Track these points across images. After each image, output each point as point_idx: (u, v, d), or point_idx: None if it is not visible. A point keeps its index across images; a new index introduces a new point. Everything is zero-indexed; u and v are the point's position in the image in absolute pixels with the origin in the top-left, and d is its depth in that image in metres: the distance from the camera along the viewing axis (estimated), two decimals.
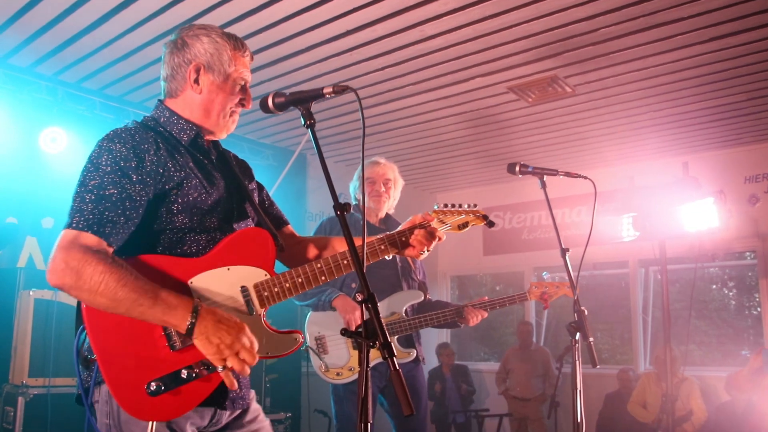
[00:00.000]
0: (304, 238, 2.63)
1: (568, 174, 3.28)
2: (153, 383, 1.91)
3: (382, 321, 3.71)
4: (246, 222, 2.28)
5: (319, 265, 2.22)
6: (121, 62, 5.95)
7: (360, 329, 1.72)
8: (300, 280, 2.19)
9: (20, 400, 4.72)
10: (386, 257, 2.43)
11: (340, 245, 2.53)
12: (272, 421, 5.92)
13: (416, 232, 2.44)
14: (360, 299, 1.73)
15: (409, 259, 4.27)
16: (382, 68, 5.94)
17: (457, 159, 8.71)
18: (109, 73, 6.18)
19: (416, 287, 4.27)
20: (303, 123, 2.07)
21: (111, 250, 1.92)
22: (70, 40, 5.54)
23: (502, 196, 9.78)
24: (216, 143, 2.38)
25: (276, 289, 2.15)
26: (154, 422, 1.92)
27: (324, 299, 4.04)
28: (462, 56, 5.70)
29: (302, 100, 2.09)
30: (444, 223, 2.54)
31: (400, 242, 2.43)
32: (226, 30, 2.30)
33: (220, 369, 1.94)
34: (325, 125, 7.41)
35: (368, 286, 1.74)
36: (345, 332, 1.75)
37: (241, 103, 2.29)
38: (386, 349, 1.67)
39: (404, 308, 4.09)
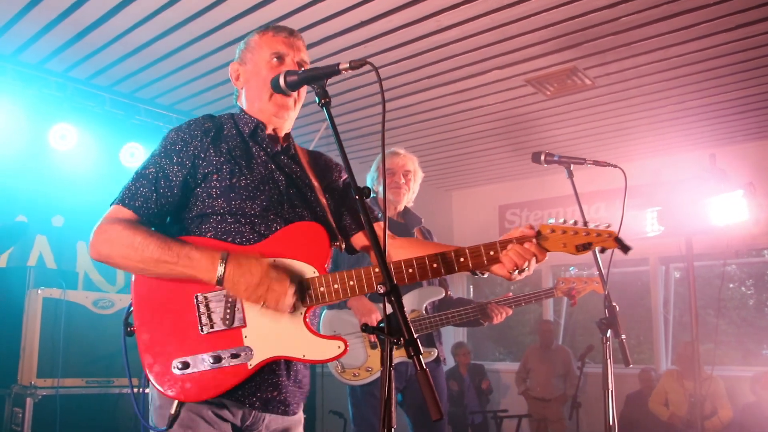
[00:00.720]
0: (398, 239, 2.42)
1: (596, 162, 3.12)
2: (179, 361, 1.94)
3: None
4: (300, 214, 2.18)
5: (377, 271, 2.02)
6: (131, 57, 5.85)
7: (382, 324, 1.57)
8: (351, 283, 2.03)
9: (29, 401, 4.62)
10: (478, 274, 2.15)
11: (430, 249, 2.16)
12: None
13: (509, 246, 2.07)
14: (382, 291, 1.58)
15: None
16: (397, 61, 5.80)
17: (474, 155, 8.55)
18: (119, 68, 6.08)
19: (437, 283, 4.08)
20: (317, 101, 1.92)
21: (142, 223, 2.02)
22: (79, 35, 5.45)
23: (520, 192, 9.61)
24: (288, 139, 2.34)
25: (322, 289, 2.02)
26: (178, 403, 1.94)
27: None
28: (479, 48, 5.55)
29: (316, 78, 1.99)
30: (552, 240, 2.11)
31: (488, 256, 2.07)
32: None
33: (203, 366, 1.92)
34: (339, 121, 7.28)
35: (391, 277, 1.59)
36: (366, 328, 1.60)
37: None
38: (412, 347, 1.53)
39: (425, 305, 3.91)
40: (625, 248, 2.11)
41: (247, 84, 2.30)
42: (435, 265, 2.04)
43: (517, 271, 2.07)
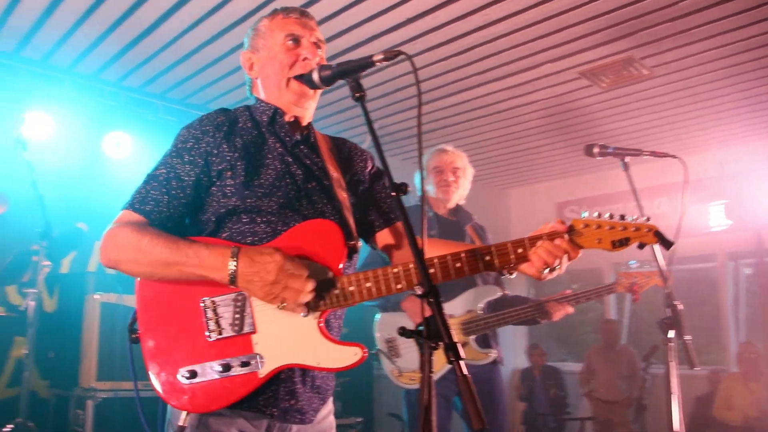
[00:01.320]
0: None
1: (653, 153, 2.97)
2: (186, 370, 1.84)
3: (458, 320, 3.46)
4: (320, 210, 2.05)
5: (395, 271, 1.91)
6: (182, 64, 5.93)
7: (420, 328, 1.48)
8: (369, 285, 1.91)
9: (89, 403, 4.73)
10: (505, 274, 2.01)
11: (449, 249, 2.01)
12: (343, 426, 5.84)
13: (539, 243, 1.93)
14: (420, 293, 1.50)
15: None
16: (446, 58, 5.70)
17: (530, 151, 8.37)
18: (170, 76, 6.17)
19: (492, 282, 3.97)
20: (352, 95, 1.84)
21: (150, 224, 1.94)
22: (130, 44, 5.56)
23: (578, 189, 9.37)
24: (309, 128, 2.20)
25: (337, 292, 1.90)
26: (188, 414, 1.85)
27: (392, 300, 3.81)
28: (529, 41, 5.41)
29: (350, 71, 1.87)
30: (586, 236, 1.97)
31: (515, 254, 1.93)
32: None
33: (210, 375, 1.82)
34: (389, 121, 7.23)
35: (429, 277, 1.51)
36: (403, 332, 1.52)
37: (302, 60, 2.09)
38: (451, 351, 1.44)
39: (480, 305, 3.81)
40: (667, 244, 1.97)
41: (263, 71, 2.17)
42: (458, 265, 1.91)
43: (547, 270, 1.93)
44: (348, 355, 1.89)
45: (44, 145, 5.70)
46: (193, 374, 1.83)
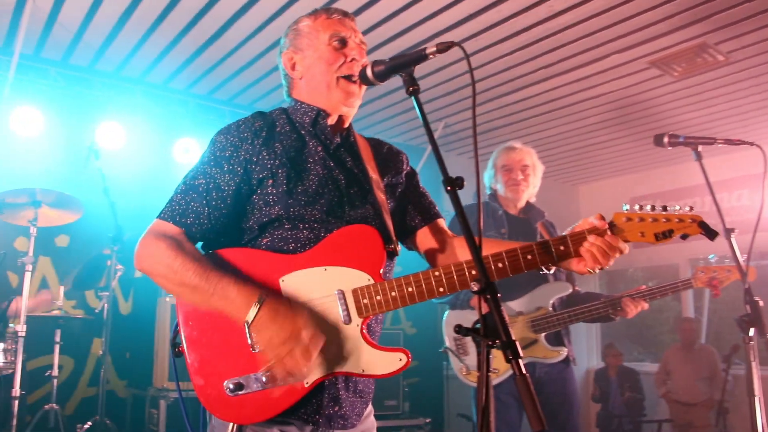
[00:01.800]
0: (459, 237, 2.21)
1: (728, 141, 2.81)
2: (231, 382, 1.81)
3: (528, 317, 3.38)
4: (363, 215, 2.02)
5: (437, 274, 1.87)
6: (247, 70, 6.03)
7: (477, 325, 1.43)
8: (410, 290, 1.87)
9: (162, 403, 4.84)
10: (543, 271, 1.96)
11: (489, 248, 1.97)
12: (411, 427, 5.81)
13: (592, 239, 1.88)
14: (476, 289, 1.45)
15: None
16: (511, 52, 5.60)
17: (599, 146, 8.15)
18: (236, 82, 6.30)
19: (563, 278, 3.86)
20: (406, 89, 1.80)
21: (188, 239, 1.90)
22: (197, 53, 5.71)
23: (652, 183, 9.06)
24: (349, 130, 2.17)
25: (378, 298, 1.86)
26: (235, 425, 1.83)
27: (462, 297, 3.75)
28: (596, 31, 5.25)
29: (403, 65, 1.83)
30: (628, 230, 1.92)
31: (558, 252, 1.89)
32: None
33: (261, 375, 1.79)
34: (453, 120, 7.16)
35: (487, 272, 1.46)
36: (460, 329, 1.47)
37: (349, 62, 2.05)
38: (509, 350, 1.37)
39: (551, 302, 3.71)
40: (711, 234, 1.91)
41: (308, 72, 2.09)
42: (500, 265, 1.87)
43: (598, 268, 1.89)
44: (392, 362, 1.87)
45: (116, 153, 5.91)
46: (239, 386, 1.81)
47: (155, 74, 6.16)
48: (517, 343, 1.39)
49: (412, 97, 1.77)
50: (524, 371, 1.36)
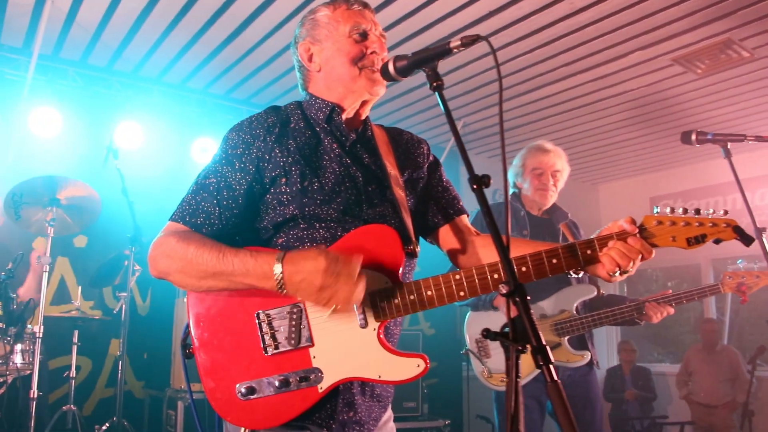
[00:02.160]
0: (483, 236, 2.15)
1: (759, 138, 2.72)
2: (243, 386, 1.76)
3: (551, 320, 3.31)
4: (381, 213, 1.94)
5: (458, 277, 1.80)
6: (264, 69, 6.01)
7: (506, 329, 1.37)
8: (430, 293, 1.80)
9: (180, 404, 4.82)
10: (570, 274, 1.89)
11: (516, 250, 1.90)
12: (430, 429, 5.74)
13: (610, 244, 1.80)
14: (505, 292, 1.39)
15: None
16: (532, 50, 5.53)
17: (620, 144, 8.04)
18: (254, 81, 6.28)
19: (587, 281, 3.78)
20: (429, 85, 1.74)
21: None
22: (214, 52, 5.69)
23: (673, 182, 8.94)
24: (365, 123, 2.09)
25: (396, 301, 1.80)
26: (245, 430, 1.79)
27: (484, 298, 3.68)
28: (618, 28, 5.17)
29: (426, 60, 1.77)
30: (659, 235, 1.84)
31: (585, 255, 1.81)
32: None
33: (269, 391, 1.73)
34: (473, 119, 7.10)
35: (515, 275, 1.40)
36: (488, 333, 1.41)
37: (370, 54, 1.98)
38: (540, 355, 1.31)
39: (575, 305, 3.64)
40: (747, 240, 1.82)
41: (327, 64, 2.01)
42: (524, 269, 1.80)
43: (618, 272, 1.80)
44: (410, 367, 1.79)
45: (135, 153, 5.91)
46: (251, 390, 1.76)
47: (173, 74, 6.15)
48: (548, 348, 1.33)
49: (436, 93, 1.72)
50: (556, 378, 1.30)
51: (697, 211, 1.84)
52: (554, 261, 1.81)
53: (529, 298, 1.41)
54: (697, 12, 4.90)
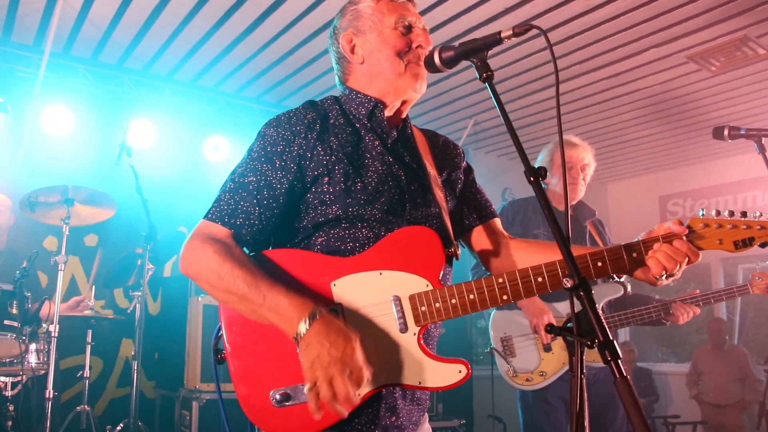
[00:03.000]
0: (516, 240, 2.12)
1: None
2: (278, 392, 1.70)
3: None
4: (425, 214, 1.90)
5: (500, 281, 1.76)
6: (276, 67, 5.97)
7: (570, 324, 1.33)
8: (472, 297, 1.75)
9: (194, 404, 4.78)
10: (613, 278, 1.87)
11: (555, 252, 1.84)
12: (445, 428, 5.71)
13: (656, 246, 1.76)
14: (570, 285, 1.35)
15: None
16: (546, 47, 5.47)
17: (630, 143, 8.01)
18: (265, 79, 6.24)
19: (614, 280, 3.76)
20: (479, 76, 1.69)
21: (237, 241, 1.78)
22: (226, 50, 5.65)
23: (682, 181, 8.91)
24: (405, 121, 2.04)
25: (438, 305, 1.75)
26: None
27: None
28: (633, 25, 5.14)
29: (476, 50, 1.72)
30: (706, 237, 1.80)
31: (630, 259, 1.77)
32: None
33: (305, 389, 1.62)
34: (485, 117, 7.07)
35: (578, 269, 1.36)
36: (552, 328, 1.37)
37: (415, 48, 1.93)
38: (608, 350, 1.28)
39: (601, 304, 3.61)
40: None
41: (371, 57, 1.94)
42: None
43: (664, 276, 1.75)
44: (451, 374, 1.74)
45: (147, 151, 5.88)
46: (286, 397, 1.70)
47: (184, 72, 6.11)
48: (616, 343, 1.30)
49: (486, 84, 1.67)
50: (625, 374, 1.26)
51: (744, 214, 1.79)
52: (599, 264, 1.77)
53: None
54: (713, 9, 4.88)
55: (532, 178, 1.48)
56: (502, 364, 3.64)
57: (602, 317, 3.39)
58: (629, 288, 3.74)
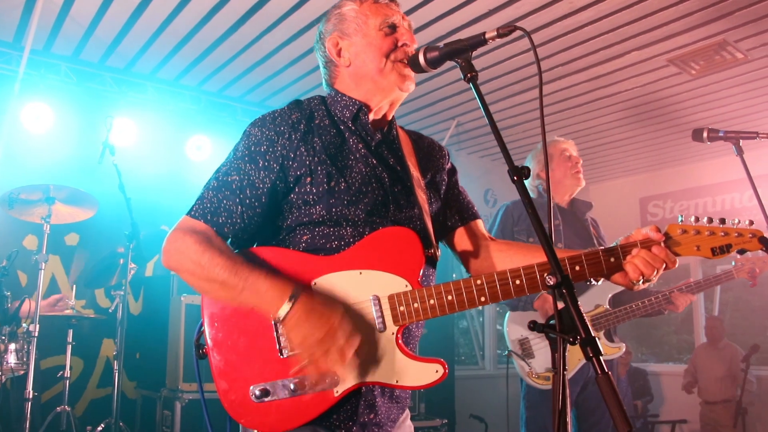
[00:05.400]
0: (497, 242, 2.15)
1: None
2: (258, 388, 1.72)
3: (589, 315, 3.30)
4: (408, 215, 1.92)
5: (479, 282, 1.77)
6: (259, 67, 5.96)
7: (552, 321, 1.35)
8: (450, 298, 1.77)
9: (177, 404, 4.76)
10: (590, 282, 1.87)
11: (535, 255, 1.96)
12: (428, 428, 5.72)
13: (634, 252, 1.80)
14: (552, 283, 1.37)
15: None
16: (528, 49, 5.52)
17: (611, 145, 8.07)
18: (248, 79, 6.23)
19: None
20: (463, 77, 1.71)
21: (219, 236, 1.80)
22: (209, 49, 5.63)
23: (663, 183, 9.00)
24: (391, 123, 2.06)
25: (416, 305, 1.77)
26: None
27: (524, 299, 3.69)
28: (615, 28, 5.19)
29: (460, 51, 1.74)
30: (684, 244, 1.83)
31: (607, 264, 1.81)
32: None
33: (289, 381, 1.68)
34: (468, 118, 7.10)
35: (561, 267, 1.38)
36: (535, 326, 1.39)
37: (401, 47, 1.95)
38: (590, 347, 1.29)
39: (608, 299, 3.68)
40: None
41: (357, 59, 1.96)
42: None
43: (641, 281, 1.80)
44: (428, 373, 1.76)
45: (130, 149, 5.84)
46: (265, 393, 1.72)
47: (166, 71, 6.08)
48: (598, 339, 1.32)
49: (471, 84, 1.69)
50: (606, 369, 1.28)
51: (722, 221, 1.83)
52: (577, 268, 1.80)
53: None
54: (694, 13, 4.94)
55: (515, 177, 1.50)
56: (522, 366, 3.68)
57: (609, 313, 3.45)
58: None
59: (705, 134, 2.83)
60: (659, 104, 6.68)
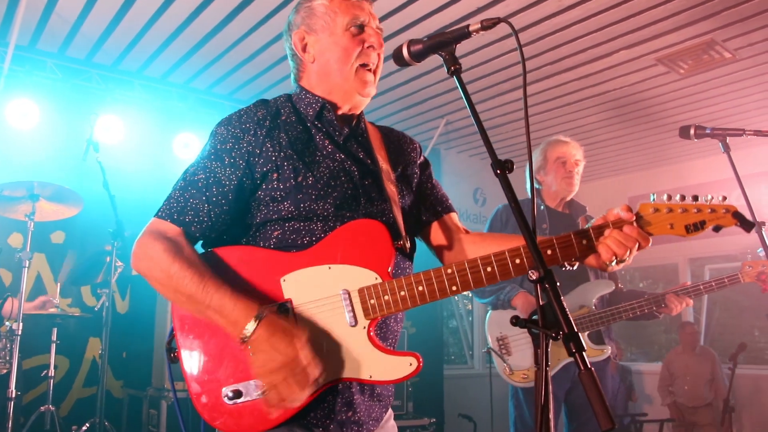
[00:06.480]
0: (471, 234, 2.12)
1: (758, 132, 2.74)
2: (230, 389, 1.70)
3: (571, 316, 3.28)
4: (381, 208, 1.90)
5: (449, 271, 1.75)
6: (248, 64, 5.93)
7: (535, 316, 1.34)
8: (421, 289, 1.75)
9: (163, 403, 4.74)
10: (565, 267, 1.86)
11: (509, 243, 1.88)
12: (416, 427, 5.71)
13: (606, 233, 1.77)
14: (534, 278, 1.35)
15: None
16: (516, 49, 5.51)
17: (600, 144, 8.07)
18: (236, 76, 6.20)
19: (606, 276, 3.80)
20: (447, 70, 1.69)
21: (188, 239, 1.78)
22: (197, 46, 5.60)
23: (652, 182, 9.00)
24: (360, 118, 2.03)
25: (387, 298, 1.74)
26: None
27: (503, 297, 3.69)
28: (604, 27, 5.19)
29: (444, 44, 1.71)
30: (656, 222, 1.80)
31: (580, 246, 1.78)
32: None
33: (256, 394, 1.66)
34: (456, 116, 7.08)
35: (543, 261, 1.36)
36: (517, 321, 1.37)
37: (366, 48, 1.92)
38: (573, 342, 1.27)
39: (594, 300, 3.65)
40: (747, 225, 1.77)
41: (321, 56, 1.94)
42: (518, 261, 1.75)
43: (615, 261, 1.77)
44: (402, 366, 1.74)
45: (116, 147, 5.81)
46: (238, 394, 1.70)
47: (154, 68, 6.04)
48: (581, 334, 1.30)
49: (455, 77, 1.67)
50: (589, 365, 1.26)
51: (695, 198, 1.80)
52: (549, 252, 1.78)
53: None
54: (681, 12, 4.94)
55: (498, 171, 1.48)
56: (499, 364, 3.68)
57: (594, 314, 3.42)
58: (620, 284, 3.81)
59: (692, 131, 2.83)
60: (648, 103, 6.69)
